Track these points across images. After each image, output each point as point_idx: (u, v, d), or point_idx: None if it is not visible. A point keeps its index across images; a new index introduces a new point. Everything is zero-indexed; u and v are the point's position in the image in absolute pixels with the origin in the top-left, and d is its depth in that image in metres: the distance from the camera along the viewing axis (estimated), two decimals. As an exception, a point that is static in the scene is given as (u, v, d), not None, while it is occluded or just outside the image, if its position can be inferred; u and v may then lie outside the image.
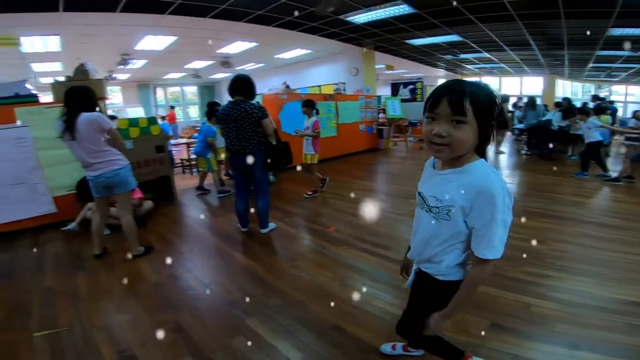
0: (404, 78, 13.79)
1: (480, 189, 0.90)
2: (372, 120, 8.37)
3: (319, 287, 2.35)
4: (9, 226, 3.65)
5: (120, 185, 2.76)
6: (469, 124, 0.87)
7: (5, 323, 2.10)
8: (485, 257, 0.93)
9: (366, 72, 9.30)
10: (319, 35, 7.37)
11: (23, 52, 6.24)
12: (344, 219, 3.69)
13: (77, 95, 2.61)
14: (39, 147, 3.67)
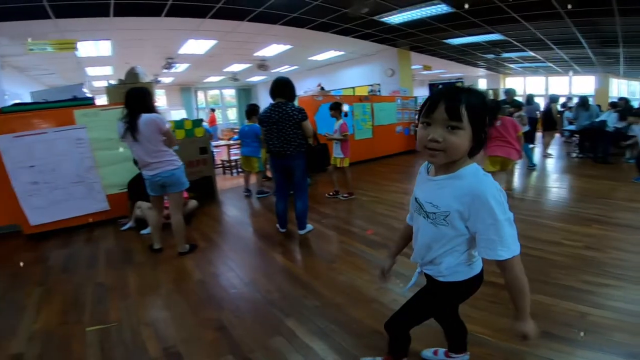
0: (441, 78, 13.47)
1: (474, 194, 0.91)
2: (409, 122, 8.21)
3: (357, 290, 2.32)
4: (69, 222, 3.93)
5: (174, 184, 2.88)
6: (464, 129, 0.89)
7: (62, 316, 2.22)
8: (503, 257, 0.92)
9: (402, 72, 9.14)
10: (352, 36, 7.33)
11: (78, 57, 6.73)
12: (381, 222, 3.63)
13: (137, 97, 2.73)
14: (95, 147, 3.94)
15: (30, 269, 3.03)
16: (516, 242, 0.94)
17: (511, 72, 13.63)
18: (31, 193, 3.67)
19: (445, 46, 8.59)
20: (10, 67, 6.48)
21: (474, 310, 1.90)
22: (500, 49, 9.02)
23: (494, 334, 1.74)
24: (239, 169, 7.10)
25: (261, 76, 12.83)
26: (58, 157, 3.75)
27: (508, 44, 8.27)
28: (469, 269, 1.08)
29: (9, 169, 3.56)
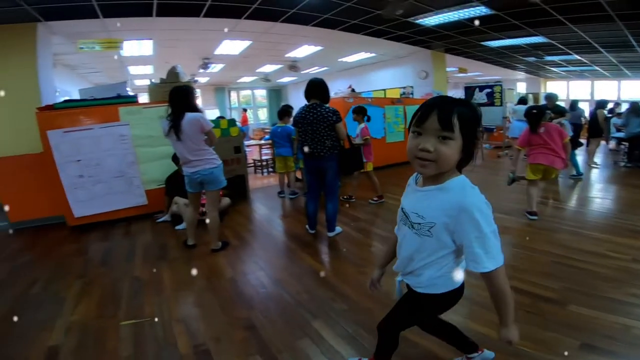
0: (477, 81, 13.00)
1: (461, 207, 0.91)
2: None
3: (387, 296, 2.25)
4: (108, 215, 4.13)
5: (212, 182, 2.95)
6: (455, 140, 0.89)
7: (99, 309, 2.30)
8: (488, 269, 0.93)
9: (436, 75, 8.91)
10: (384, 38, 7.21)
11: (122, 56, 7.06)
12: (413, 227, 3.54)
13: (181, 96, 2.80)
14: (136, 144, 4.12)
15: (71, 261, 3.19)
16: (500, 253, 0.94)
17: (553, 75, 12.96)
18: (76, 186, 3.90)
19: (483, 48, 8.29)
20: (61, 65, 6.91)
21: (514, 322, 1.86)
22: (543, 52, 8.59)
23: (531, 345, 1.67)
24: (270, 169, 7.21)
25: (291, 77, 12.94)
26: (102, 152, 3.96)
27: (551, 46, 7.87)
28: (448, 282, 1.07)
29: (58, 163, 3.79)
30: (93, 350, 1.86)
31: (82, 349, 1.87)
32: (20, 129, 4.06)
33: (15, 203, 4.19)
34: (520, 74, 12.92)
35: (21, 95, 4.15)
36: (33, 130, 3.81)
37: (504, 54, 8.97)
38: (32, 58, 4.28)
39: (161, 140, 4.00)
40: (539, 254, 2.75)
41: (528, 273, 2.41)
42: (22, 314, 2.27)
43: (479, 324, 1.86)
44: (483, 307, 2.01)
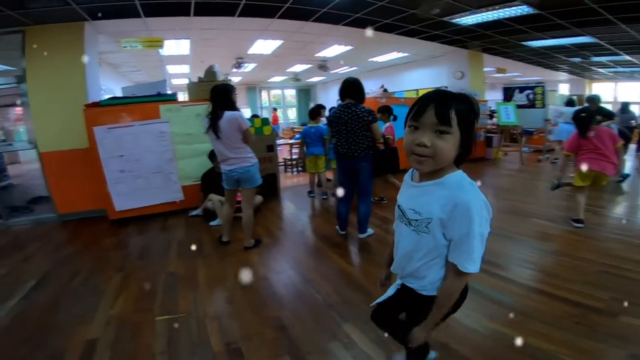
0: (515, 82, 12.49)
1: (457, 201, 0.89)
2: (480, 127, 7.71)
3: None
4: (146, 209, 4.29)
5: (248, 180, 2.99)
6: (452, 134, 0.87)
7: (136, 303, 2.36)
8: (467, 270, 0.91)
9: (473, 75, 8.61)
10: (418, 38, 7.01)
11: (161, 55, 7.31)
12: (450, 233, 3.43)
13: (221, 93, 2.85)
14: (175, 141, 4.25)
15: (111, 254, 3.33)
16: (480, 260, 0.92)
17: (599, 76, 12.21)
18: (118, 180, 4.07)
19: (523, 48, 7.91)
20: (105, 64, 7.25)
21: (557, 331, 1.81)
22: (589, 52, 8.10)
23: (578, 356, 1.61)
24: (299, 168, 7.24)
25: (320, 77, 12.93)
26: (143, 148, 4.11)
27: (599, 47, 7.39)
28: None
29: (102, 158, 3.97)
30: (129, 345, 1.91)
31: (119, 343, 1.92)
32: (68, 125, 4.28)
33: (62, 196, 4.46)
34: (563, 74, 12.24)
35: (70, 93, 4.37)
36: (80, 127, 4.02)
37: (546, 54, 8.53)
38: (80, 56, 4.47)
39: (198, 137, 4.17)
40: (585, 262, 2.62)
41: (574, 282, 2.32)
42: (64, 305, 2.39)
43: (519, 333, 1.80)
44: (525, 316, 1.95)
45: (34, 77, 4.29)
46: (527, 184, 5.47)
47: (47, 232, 4.16)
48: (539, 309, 2.05)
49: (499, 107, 7.63)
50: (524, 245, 3.04)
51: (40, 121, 4.33)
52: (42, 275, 2.87)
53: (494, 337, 1.83)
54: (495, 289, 2.34)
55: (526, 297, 2.19)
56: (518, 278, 2.44)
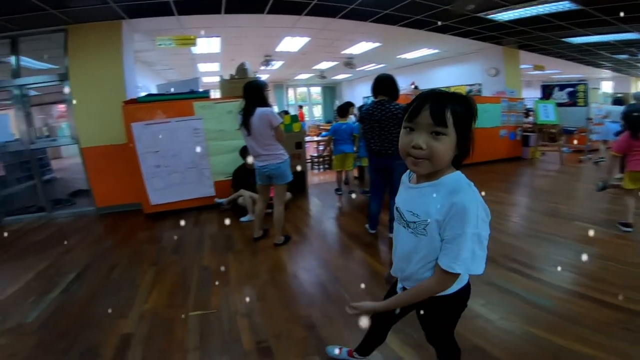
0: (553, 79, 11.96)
1: (453, 202, 0.87)
2: (515, 125, 7.40)
3: None
4: (180, 204, 4.39)
5: (279, 177, 3.00)
6: (448, 135, 0.86)
7: (169, 298, 2.39)
8: (453, 270, 0.89)
9: (509, 72, 8.30)
10: (449, 34, 6.80)
11: (193, 53, 7.45)
12: (487, 233, 3.31)
13: (254, 90, 2.86)
14: (208, 137, 4.33)
15: (146, 248, 3.41)
16: (476, 261, 0.88)
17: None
18: (154, 175, 4.19)
19: (564, 45, 7.52)
20: (140, 62, 7.47)
21: (603, 336, 1.74)
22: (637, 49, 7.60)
23: None
24: (326, 165, 7.21)
25: (346, 74, 12.86)
26: (178, 144, 4.21)
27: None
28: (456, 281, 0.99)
29: (139, 153, 4.10)
30: (162, 340, 1.92)
31: (152, 339, 1.95)
32: (108, 121, 4.45)
33: (101, 190, 4.64)
34: (606, 72, 11.58)
35: (109, 90, 4.54)
36: (119, 123, 4.16)
37: (589, 51, 8.09)
38: (118, 54, 4.64)
39: (230, 134, 4.23)
40: (634, 267, 2.46)
41: (622, 288, 2.18)
42: (102, 299, 2.45)
43: (561, 338, 1.73)
44: (568, 321, 1.88)
45: (76, 75, 4.48)
46: (567, 185, 5.19)
47: (86, 225, 4.35)
48: (582, 313, 1.94)
49: (537, 105, 7.29)
50: (565, 249, 2.89)
51: (82, 118, 4.53)
52: (81, 268, 2.98)
53: (532, 341, 1.76)
54: (533, 291, 2.24)
55: (568, 302, 2.08)
56: (559, 282, 2.32)
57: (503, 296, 2.20)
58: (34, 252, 3.47)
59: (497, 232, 3.33)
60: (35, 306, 2.36)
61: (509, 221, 3.63)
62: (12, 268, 3.10)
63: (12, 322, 2.18)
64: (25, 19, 4.04)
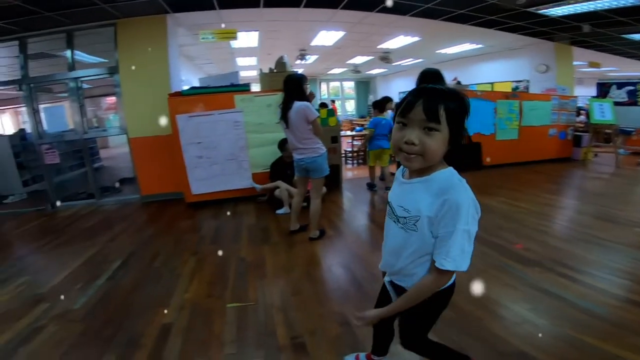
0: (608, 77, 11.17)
1: (445, 198, 0.87)
2: (566, 124, 6.94)
3: (503, 307, 2.05)
4: (218, 194, 4.49)
5: (316, 170, 2.99)
6: (441, 131, 0.86)
7: (209, 289, 2.42)
8: (443, 267, 0.89)
9: (560, 69, 7.80)
10: (495, 29, 6.48)
11: (232, 47, 7.56)
12: (532, 236, 3.12)
13: (293, 83, 2.87)
14: (247, 130, 4.40)
15: (187, 237, 3.50)
16: (464, 258, 0.88)
17: None
18: (196, 165, 4.31)
19: (623, 41, 6.97)
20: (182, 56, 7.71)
21: None
22: None
23: None
24: (360, 160, 7.13)
25: (381, 69, 12.64)
26: (219, 136, 4.31)
27: None
28: None
29: (183, 144, 4.23)
30: (201, 332, 1.95)
31: (191, 330, 1.97)
32: (154, 113, 4.60)
33: (146, 178, 4.85)
34: (668, 68, 10.62)
35: (156, 83, 4.71)
36: (164, 114, 4.31)
37: (652, 46, 7.43)
38: (164, 48, 4.78)
39: (269, 127, 4.27)
40: None
41: None
42: (145, 287, 2.53)
43: (613, 346, 1.64)
44: (620, 328, 1.78)
45: (125, 68, 4.68)
46: (624, 188, 4.80)
47: (131, 212, 4.55)
48: (637, 321, 1.81)
49: (592, 104, 6.78)
50: (619, 254, 2.68)
51: (130, 109, 4.73)
52: (126, 255, 3.10)
53: (582, 348, 1.67)
54: (584, 297, 2.11)
55: (622, 309, 1.94)
56: (612, 288, 2.17)
57: (551, 301, 2.09)
58: (83, 238, 3.66)
59: (544, 235, 3.16)
60: (83, 293, 2.46)
61: (557, 224, 3.43)
62: (63, 254, 3.27)
63: (61, 308, 2.27)
64: (78, 14, 4.23)
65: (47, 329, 2.04)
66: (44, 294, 2.48)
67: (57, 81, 5.04)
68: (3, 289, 2.60)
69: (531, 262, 2.61)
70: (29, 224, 4.38)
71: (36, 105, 4.91)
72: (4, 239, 3.99)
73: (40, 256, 3.31)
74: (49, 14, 4.06)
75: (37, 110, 4.92)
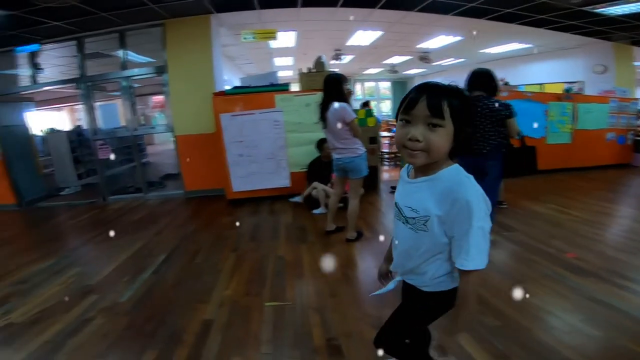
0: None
1: (455, 197, 0.85)
2: (626, 128, 6.41)
3: (554, 316, 1.95)
4: (257, 192, 4.59)
5: (354, 171, 2.97)
6: (445, 127, 0.85)
7: (247, 286, 2.46)
8: (465, 267, 0.88)
9: (619, 70, 7.27)
10: (546, 28, 6.13)
11: (270, 47, 7.67)
12: (588, 246, 2.92)
13: (332, 83, 2.86)
14: (287, 129, 4.45)
15: (227, 233, 3.58)
16: (482, 255, 0.87)
17: None
18: (237, 163, 4.44)
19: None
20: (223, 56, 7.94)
21: None
22: None
23: None
24: (398, 162, 7.01)
25: (419, 69, 12.37)
26: (259, 135, 4.40)
27: None
28: (455, 277, 0.98)
29: (225, 142, 4.36)
30: (239, 329, 1.97)
31: (230, 327, 2.00)
32: (199, 111, 4.79)
33: (190, 175, 5.04)
34: None
35: (200, 82, 4.88)
36: (208, 113, 4.45)
37: None
38: (208, 48, 4.93)
39: (308, 126, 4.28)
40: None
41: None
42: (187, 282, 2.60)
43: None
44: None
45: (172, 68, 4.88)
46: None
47: (175, 207, 4.75)
48: None
49: (658, 107, 6.23)
50: None
51: (177, 108, 4.94)
52: (170, 250, 3.22)
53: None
54: None
55: None
56: None
57: (606, 312, 1.97)
58: (131, 231, 3.85)
59: (599, 244, 2.96)
60: (129, 286, 2.56)
61: (614, 234, 3.19)
62: (112, 246, 3.45)
63: (109, 301, 2.36)
64: (129, 14, 4.44)
65: (94, 322, 2.13)
66: (93, 285, 2.61)
67: (111, 80, 5.36)
68: (57, 279, 2.76)
69: (585, 272, 2.46)
70: (82, 215, 4.70)
71: (92, 102, 5.25)
72: (60, 230, 4.30)
73: (92, 248, 3.53)
74: (103, 14, 4.30)
75: (93, 107, 5.27)
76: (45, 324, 2.12)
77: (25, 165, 5.47)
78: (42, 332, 2.04)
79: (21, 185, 5.37)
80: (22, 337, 2.00)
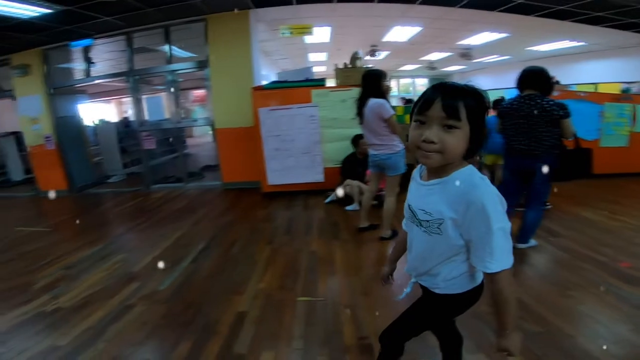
0: None
1: (470, 200, 0.83)
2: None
3: (601, 325, 1.86)
4: (291, 187, 4.65)
5: (390, 168, 2.92)
6: (461, 128, 0.82)
7: (281, 280, 2.47)
8: (491, 270, 0.86)
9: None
10: (602, 26, 5.75)
11: (305, 43, 7.70)
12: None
13: (370, 80, 2.84)
14: (322, 124, 4.47)
15: (263, 226, 3.64)
16: (507, 255, 0.85)
17: None
18: (273, 157, 4.51)
19: None
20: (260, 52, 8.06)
21: None
22: None
23: None
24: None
25: (459, 66, 12.00)
26: (295, 129, 4.45)
27: None
28: (468, 280, 0.98)
29: (263, 136, 4.45)
30: (272, 323, 1.98)
31: (263, 320, 2.01)
32: (238, 105, 4.90)
33: (228, 167, 5.18)
34: None
35: (240, 77, 4.98)
36: (247, 107, 4.54)
37: None
38: (247, 43, 5.01)
39: (343, 122, 4.29)
40: None
41: None
42: (224, 272, 2.65)
43: None
44: None
45: (214, 63, 5.01)
46: None
47: (213, 198, 4.91)
48: None
49: None
50: None
51: (217, 101, 5.08)
52: (208, 239, 3.32)
53: None
54: None
55: None
56: None
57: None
58: (172, 220, 4.01)
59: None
60: (168, 274, 2.65)
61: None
62: (154, 235, 3.60)
63: (149, 289, 2.43)
64: (172, 9, 4.58)
65: (135, 309, 2.19)
66: (135, 272, 2.73)
67: (157, 73, 5.61)
68: (103, 265, 2.90)
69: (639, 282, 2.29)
70: (127, 203, 4.97)
71: (139, 95, 5.52)
72: (107, 216, 4.57)
73: (135, 235, 3.70)
74: (149, 10, 4.46)
75: (140, 100, 5.54)
76: (90, 310, 2.22)
77: (77, 154, 5.88)
78: (86, 318, 2.13)
79: (74, 172, 5.78)
80: (68, 322, 2.09)
